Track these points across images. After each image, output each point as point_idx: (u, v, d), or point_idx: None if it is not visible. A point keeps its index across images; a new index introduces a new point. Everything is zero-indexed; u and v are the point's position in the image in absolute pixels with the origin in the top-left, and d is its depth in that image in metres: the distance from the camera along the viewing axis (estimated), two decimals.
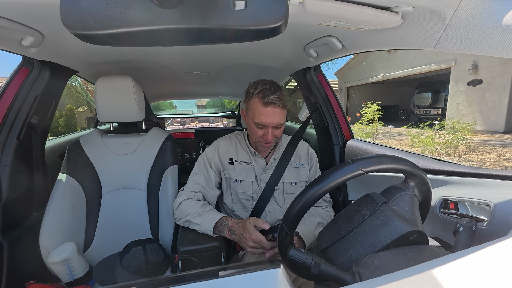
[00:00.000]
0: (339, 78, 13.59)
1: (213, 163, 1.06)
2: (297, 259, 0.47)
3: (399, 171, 0.50)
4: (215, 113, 3.86)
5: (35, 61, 0.98)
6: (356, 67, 12.09)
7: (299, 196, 0.48)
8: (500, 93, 6.58)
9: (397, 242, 0.46)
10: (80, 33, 0.32)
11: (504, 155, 4.94)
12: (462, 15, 0.57)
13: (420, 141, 5.51)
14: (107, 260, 0.99)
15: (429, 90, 9.75)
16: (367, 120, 7.05)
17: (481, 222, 0.67)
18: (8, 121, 0.95)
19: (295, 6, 0.60)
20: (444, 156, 5.23)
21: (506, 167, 4.38)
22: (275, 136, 0.96)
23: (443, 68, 8.00)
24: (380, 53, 10.11)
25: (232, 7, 0.33)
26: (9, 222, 0.92)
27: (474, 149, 5.48)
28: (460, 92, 7.55)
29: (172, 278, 0.41)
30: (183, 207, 0.95)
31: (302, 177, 1.07)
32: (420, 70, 8.72)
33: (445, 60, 7.84)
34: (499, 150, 5.23)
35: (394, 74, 9.84)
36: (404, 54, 9.36)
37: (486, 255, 0.34)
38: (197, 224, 0.89)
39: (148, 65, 1.44)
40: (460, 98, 7.57)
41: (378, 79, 10.68)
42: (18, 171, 0.96)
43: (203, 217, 0.89)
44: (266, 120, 0.91)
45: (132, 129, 1.27)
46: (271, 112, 0.91)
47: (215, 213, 0.92)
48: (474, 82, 7.06)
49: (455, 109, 7.70)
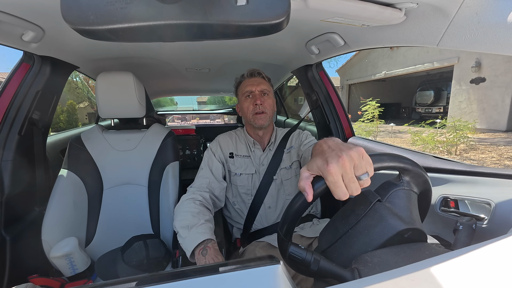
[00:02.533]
0: (340, 75, 13.52)
1: (217, 155, 1.09)
2: (297, 256, 0.47)
3: (388, 168, 0.49)
4: (217, 109, 3.86)
5: (36, 56, 0.98)
6: (358, 64, 11.99)
7: (294, 200, 0.48)
8: (503, 91, 6.53)
9: (392, 241, 0.45)
10: (80, 28, 0.32)
11: (506, 153, 4.91)
12: (466, 12, 0.56)
13: (422, 139, 5.53)
14: (109, 254, 1.00)
15: (431, 88, 9.71)
16: (367, 118, 7.04)
17: (481, 220, 0.67)
18: (10, 117, 0.95)
19: (297, 2, 0.60)
20: (445, 154, 5.24)
21: (507, 166, 4.37)
22: (264, 105, 1.03)
23: (446, 66, 7.93)
24: (383, 50, 10.03)
25: (234, 2, 0.33)
26: (12, 217, 0.92)
27: (475, 147, 5.46)
28: (462, 90, 7.49)
29: (173, 273, 0.41)
30: (180, 206, 0.90)
31: (293, 158, 1.09)
32: (423, 68, 8.64)
33: (448, 58, 7.76)
34: (501, 149, 5.22)
35: (396, 71, 9.77)
36: (406, 52, 9.27)
37: (486, 254, 0.34)
38: (182, 237, 0.81)
39: (149, 61, 1.43)
40: (462, 96, 7.51)
41: (380, 77, 10.62)
42: (20, 167, 0.97)
43: (190, 232, 0.80)
44: (252, 87, 1.04)
45: (133, 125, 1.27)
46: (255, 80, 1.06)
47: (203, 230, 0.79)
48: (477, 80, 7.00)
49: (457, 107, 7.67)
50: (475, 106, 7.21)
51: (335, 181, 0.42)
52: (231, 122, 4.93)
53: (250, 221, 1.04)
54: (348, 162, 0.42)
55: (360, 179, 0.43)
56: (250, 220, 1.04)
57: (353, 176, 0.43)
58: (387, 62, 10.25)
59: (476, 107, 7.20)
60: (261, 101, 1.02)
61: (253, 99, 1.03)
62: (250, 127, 1.11)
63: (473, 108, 7.25)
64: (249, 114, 1.05)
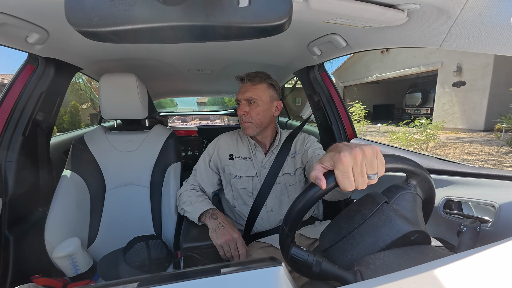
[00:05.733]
0: (335, 78, 13.78)
1: (212, 161, 1.09)
2: (299, 258, 0.47)
3: (401, 170, 0.50)
4: (218, 110, 3.87)
5: (40, 58, 0.99)
6: (351, 67, 12.48)
7: (298, 198, 0.47)
8: (481, 94, 7.10)
9: (398, 242, 0.45)
10: (84, 30, 0.32)
11: (467, 149, 5.64)
12: (469, 13, 0.56)
13: (397, 137, 6.19)
14: (111, 255, 1.01)
15: (420, 91, 10.32)
16: (355, 119, 7.61)
17: (485, 223, 0.66)
18: (14, 118, 0.96)
19: (299, 4, 0.60)
20: (419, 150, 5.79)
21: (464, 159, 4.85)
22: (249, 115, 0.99)
23: (431, 70, 8.59)
24: (374, 53, 10.61)
25: (236, 4, 0.33)
26: (15, 217, 0.93)
27: (444, 145, 6.24)
28: (446, 93, 8.12)
29: (174, 274, 0.41)
30: (182, 196, 1.03)
31: (297, 164, 1.06)
32: (410, 71, 9.38)
33: (432, 63, 8.42)
34: (465, 146, 5.94)
35: (387, 74, 10.40)
36: (396, 56, 9.93)
37: (490, 257, 0.34)
38: (188, 212, 0.96)
39: (152, 62, 1.44)
40: (446, 99, 8.15)
41: (372, 79, 11.22)
42: (24, 167, 0.98)
43: (194, 206, 0.96)
44: (239, 95, 1.02)
45: (136, 126, 1.28)
46: (243, 86, 1.03)
47: (205, 204, 0.96)
48: (458, 83, 7.65)
49: (441, 109, 8.25)
50: (457, 107, 7.83)
51: (345, 171, 0.42)
52: (231, 123, 4.93)
53: (251, 223, 1.04)
54: (360, 155, 0.42)
55: (370, 177, 0.43)
56: (251, 222, 1.03)
57: (363, 170, 0.42)
58: (379, 65, 10.86)
59: (458, 108, 7.79)
60: (244, 111, 0.99)
61: (240, 108, 1.01)
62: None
63: (455, 110, 7.88)
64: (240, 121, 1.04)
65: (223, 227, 0.86)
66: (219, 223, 0.88)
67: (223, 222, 0.88)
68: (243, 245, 0.86)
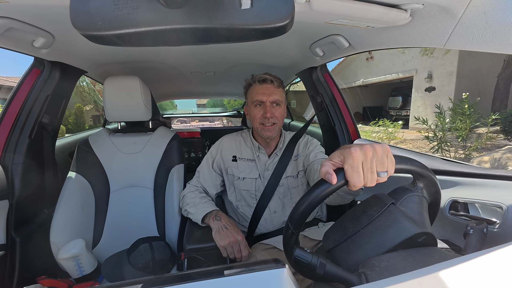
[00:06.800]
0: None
1: (215, 162, 1.09)
2: (303, 260, 0.46)
3: (409, 172, 0.49)
4: (220, 112, 3.87)
5: (46, 61, 1.01)
6: (340, 73, 13.25)
7: (306, 195, 0.47)
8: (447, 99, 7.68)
9: (405, 244, 0.45)
10: (89, 33, 0.32)
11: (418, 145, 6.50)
12: (473, 12, 0.55)
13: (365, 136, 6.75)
14: (115, 257, 1.01)
15: (400, 94, 11.33)
16: None
17: (493, 224, 0.65)
18: (21, 121, 0.97)
19: (301, 5, 0.60)
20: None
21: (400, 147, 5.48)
22: (275, 116, 0.98)
23: (408, 76, 9.57)
24: (361, 60, 11.75)
25: (238, 6, 0.33)
26: (22, 218, 0.94)
27: (405, 142, 7.12)
28: (420, 97, 9.06)
29: (178, 276, 0.41)
30: (185, 198, 1.03)
31: (299, 167, 1.06)
32: (391, 77, 10.43)
33: (408, 70, 9.42)
34: (420, 142, 6.66)
35: (372, 80, 11.45)
36: (379, 63, 10.95)
37: (498, 259, 0.33)
38: (191, 213, 0.97)
39: (155, 65, 1.45)
40: (419, 102, 9.09)
41: (359, 84, 12.32)
42: (30, 169, 0.99)
43: (197, 207, 0.96)
44: (263, 96, 0.98)
45: (139, 128, 1.29)
46: (266, 88, 0.99)
47: (209, 205, 0.97)
48: (429, 89, 8.59)
49: (416, 111, 8.99)
50: (429, 110, 8.48)
51: (355, 165, 0.41)
52: (229, 124, 4.93)
53: (254, 224, 1.03)
54: (371, 152, 0.42)
55: (379, 175, 0.42)
56: (254, 223, 1.03)
57: (373, 166, 0.42)
58: (364, 71, 11.77)
59: (429, 111, 8.41)
60: (271, 114, 0.97)
61: (263, 110, 0.98)
62: (257, 133, 1.08)
63: (427, 112, 8.53)
64: (256, 123, 1.01)
65: (227, 229, 0.86)
66: (222, 225, 0.88)
67: (227, 224, 0.88)
68: (247, 247, 0.86)
